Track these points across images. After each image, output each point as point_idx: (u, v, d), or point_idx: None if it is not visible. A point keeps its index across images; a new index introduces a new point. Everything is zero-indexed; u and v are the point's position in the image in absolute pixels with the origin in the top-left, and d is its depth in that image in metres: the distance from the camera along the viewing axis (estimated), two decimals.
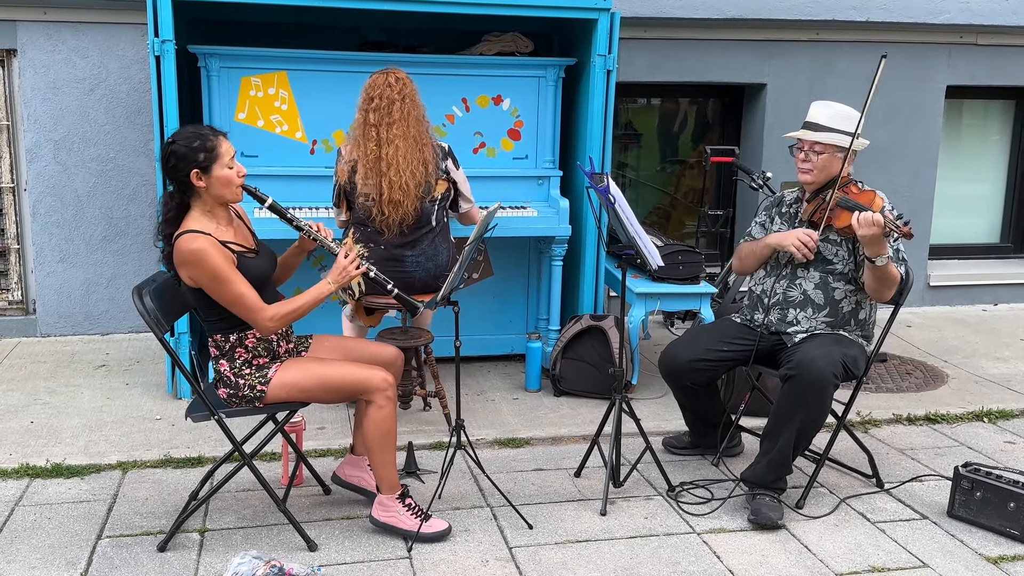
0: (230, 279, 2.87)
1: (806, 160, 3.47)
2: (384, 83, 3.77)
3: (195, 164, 2.86)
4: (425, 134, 3.81)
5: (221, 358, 3.04)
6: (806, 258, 3.43)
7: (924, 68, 6.27)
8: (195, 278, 2.89)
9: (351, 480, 3.42)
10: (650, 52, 5.82)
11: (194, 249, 2.84)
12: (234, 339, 3.02)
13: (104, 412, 4.28)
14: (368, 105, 3.77)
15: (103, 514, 3.32)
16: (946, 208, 6.76)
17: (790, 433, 3.31)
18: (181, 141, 2.89)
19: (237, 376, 3.02)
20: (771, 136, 6.08)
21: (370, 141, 3.75)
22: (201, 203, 2.95)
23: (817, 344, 3.39)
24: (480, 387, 4.74)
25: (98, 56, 5.24)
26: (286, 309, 2.98)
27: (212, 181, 2.90)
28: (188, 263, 2.87)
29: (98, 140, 5.31)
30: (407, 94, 3.78)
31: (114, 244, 5.44)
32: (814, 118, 3.47)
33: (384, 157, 3.73)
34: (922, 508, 3.51)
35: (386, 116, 3.74)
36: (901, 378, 5.04)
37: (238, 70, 4.37)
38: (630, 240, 3.39)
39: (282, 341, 3.14)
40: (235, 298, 2.90)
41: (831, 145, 3.43)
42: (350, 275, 3.07)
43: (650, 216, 6.55)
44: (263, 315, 2.93)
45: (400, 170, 3.72)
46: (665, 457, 3.87)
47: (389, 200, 3.74)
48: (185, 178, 2.88)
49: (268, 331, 2.97)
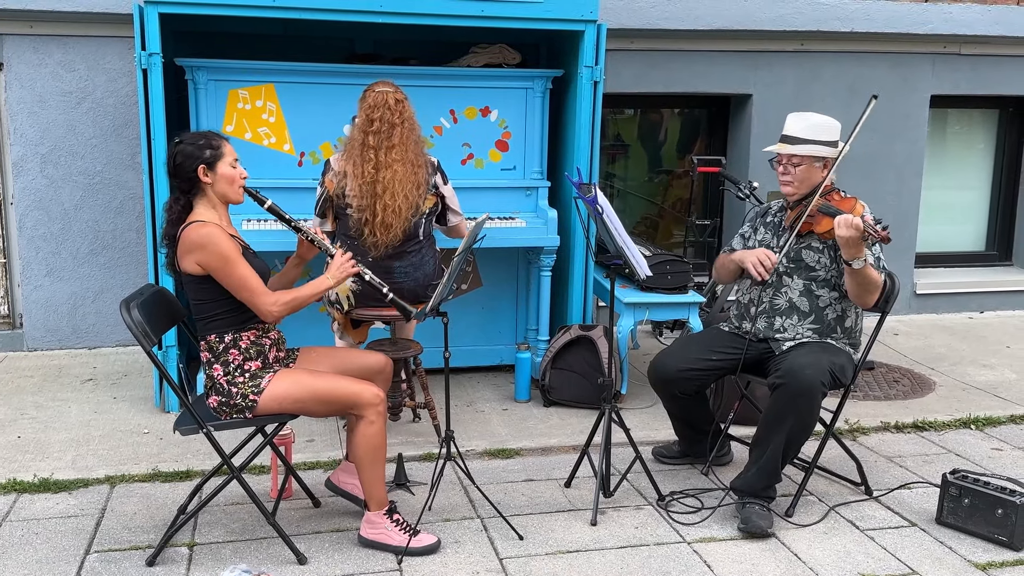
0: (239, 261, 2.98)
1: (785, 173, 3.52)
2: (384, 105, 3.77)
3: (202, 160, 3.00)
4: (420, 156, 3.83)
5: (214, 362, 3.04)
6: (761, 277, 3.47)
7: (908, 78, 6.33)
8: (204, 262, 2.96)
9: (345, 487, 3.42)
10: (637, 63, 5.86)
11: (204, 233, 2.95)
12: (228, 340, 3.04)
13: (92, 426, 4.26)
14: (368, 127, 3.77)
15: (91, 529, 3.31)
16: (932, 216, 6.81)
17: (779, 441, 3.32)
18: (188, 140, 3.04)
19: (230, 384, 3.02)
20: (757, 146, 6.12)
21: (368, 163, 3.76)
22: (206, 200, 3.05)
23: (805, 352, 3.41)
24: (470, 398, 4.74)
25: (85, 69, 5.23)
26: (288, 296, 3.06)
27: (217, 177, 3.02)
28: (198, 247, 2.95)
29: (85, 153, 5.30)
30: (407, 117, 3.80)
31: (101, 257, 5.42)
32: (790, 131, 3.51)
33: (380, 180, 3.74)
34: (911, 515, 3.52)
35: (386, 140, 3.76)
36: (889, 386, 5.06)
37: (226, 83, 4.37)
38: (618, 250, 3.40)
39: (273, 347, 3.15)
40: (242, 280, 2.97)
41: (808, 156, 3.47)
42: (348, 272, 3.17)
43: (638, 226, 6.57)
44: (268, 299, 3.00)
45: (395, 194, 3.74)
46: (655, 466, 3.88)
47: (383, 223, 3.76)
48: (192, 174, 3.00)
49: (271, 317, 3.03)
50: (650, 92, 6.02)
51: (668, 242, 6.52)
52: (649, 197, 6.58)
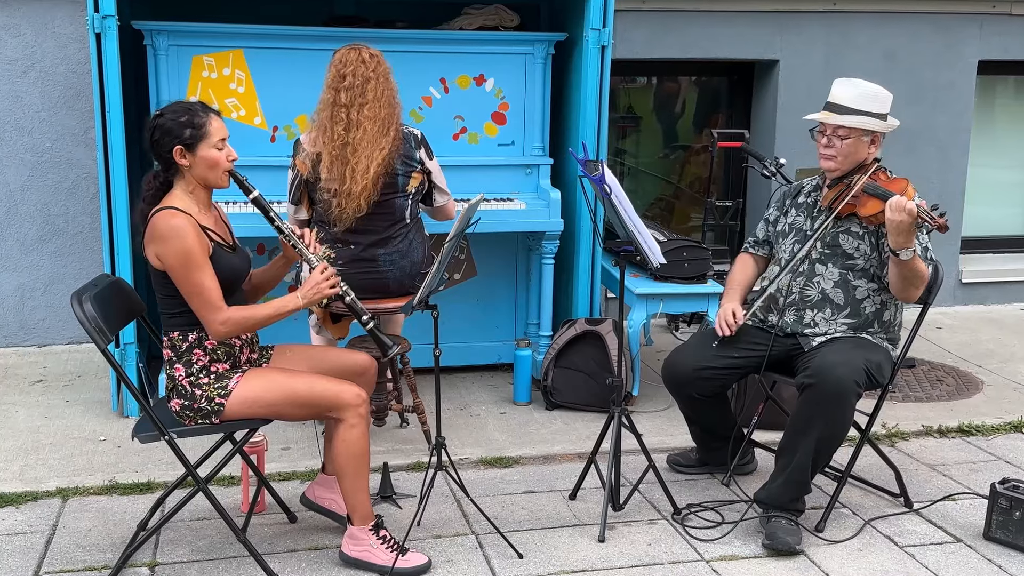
0: (198, 266, 2.93)
1: (829, 146, 3.47)
2: (357, 59, 3.77)
3: (180, 140, 2.97)
4: (392, 118, 3.82)
5: (176, 361, 3.04)
6: (722, 332, 3.54)
7: (953, 42, 6.31)
8: (162, 256, 2.94)
9: (321, 503, 3.42)
10: (649, 25, 5.84)
11: (173, 225, 2.92)
12: (193, 339, 3.03)
13: (41, 433, 4.26)
14: (339, 83, 3.76)
15: (41, 547, 3.31)
16: (979, 197, 6.80)
17: (808, 448, 3.33)
18: (169, 115, 2.99)
19: (193, 386, 3.02)
20: (784, 118, 6.10)
21: (338, 124, 3.75)
22: (184, 183, 3.03)
23: (837, 349, 3.41)
24: (463, 400, 4.75)
25: (32, 34, 5.22)
26: (243, 315, 3.00)
27: (197, 161, 2.99)
28: (160, 239, 2.93)
29: (32, 128, 5.29)
30: (382, 72, 3.79)
31: (51, 244, 5.42)
32: (838, 99, 3.46)
33: (351, 142, 3.74)
34: (955, 530, 3.53)
35: (359, 96, 3.75)
36: (931, 385, 5.07)
37: (189, 48, 4.36)
38: (628, 235, 3.40)
39: (245, 348, 3.15)
40: (196, 289, 2.94)
41: (857, 129, 3.43)
42: (322, 294, 3.10)
43: (651, 208, 6.57)
44: (218, 316, 2.96)
45: (362, 156, 3.73)
46: (670, 476, 3.89)
47: (348, 192, 3.75)
48: (168, 154, 2.98)
49: (218, 335, 3.00)
50: (664, 58, 6.01)
51: (685, 226, 6.52)
52: (664, 176, 6.57)
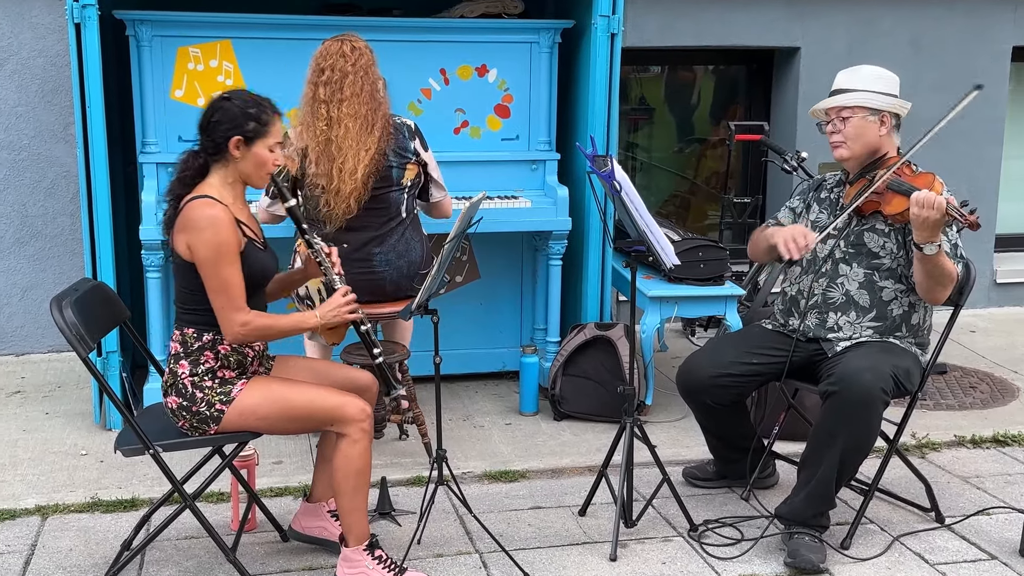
0: (230, 261, 2.96)
1: (834, 131, 3.51)
2: (338, 52, 3.79)
3: (240, 131, 3.00)
4: (377, 114, 3.82)
5: (183, 358, 3.05)
6: (789, 255, 3.41)
7: (985, 26, 6.30)
8: (194, 247, 2.95)
9: (311, 532, 3.43)
10: (662, 11, 5.83)
11: (209, 215, 2.94)
12: (207, 339, 3.04)
13: (19, 447, 4.26)
14: (318, 78, 3.79)
15: (19, 568, 3.30)
16: (1014, 191, 6.79)
17: (832, 460, 3.31)
18: (237, 101, 3.03)
19: (195, 387, 3.02)
20: (806, 109, 6.04)
21: (319, 120, 3.78)
22: (224, 173, 3.06)
23: (863, 354, 3.39)
24: (466, 411, 4.74)
25: (7, 25, 5.22)
26: (265, 322, 3.04)
27: (249, 156, 3.03)
28: (195, 228, 2.94)
29: (8, 124, 5.30)
30: (362, 65, 3.80)
31: (29, 247, 5.42)
32: (838, 84, 3.54)
33: (334, 139, 3.76)
34: (990, 547, 3.52)
35: (337, 92, 3.77)
36: (964, 393, 5.05)
37: (174, 39, 4.37)
38: (640, 234, 3.40)
39: (256, 360, 3.17)
40: (223, 285, 2.95)
41: (859, 107, 3.45)
42: (342, 318, 3.15)
43: (665, 205, 6.56)
44: (239, 316, 2.98)
45: (348, 156, 3.75)
46: (686, 491, 3.88)
47: (336, 190, 3.76)
48: (224, 140, 2.99)
49: (234, 337, 3.01)
50: (678, 46, 6.01)
51: (701, 224, 6.52)
52: (678, 171, 6.57)
